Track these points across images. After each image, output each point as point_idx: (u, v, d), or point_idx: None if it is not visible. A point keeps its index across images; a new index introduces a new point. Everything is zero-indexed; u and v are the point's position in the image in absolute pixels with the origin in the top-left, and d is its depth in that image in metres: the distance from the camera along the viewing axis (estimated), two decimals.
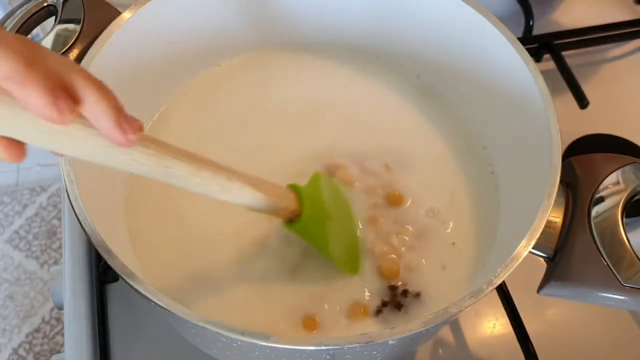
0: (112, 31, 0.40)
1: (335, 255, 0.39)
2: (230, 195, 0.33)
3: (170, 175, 0.30)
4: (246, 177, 0.34)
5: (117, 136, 0.27)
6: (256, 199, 0.34)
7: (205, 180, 0.32)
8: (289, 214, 0.37)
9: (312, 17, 0.50)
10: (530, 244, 0.33)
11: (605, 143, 0.56)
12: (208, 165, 0.32)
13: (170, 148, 0.30)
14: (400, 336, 0.30)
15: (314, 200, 0.38)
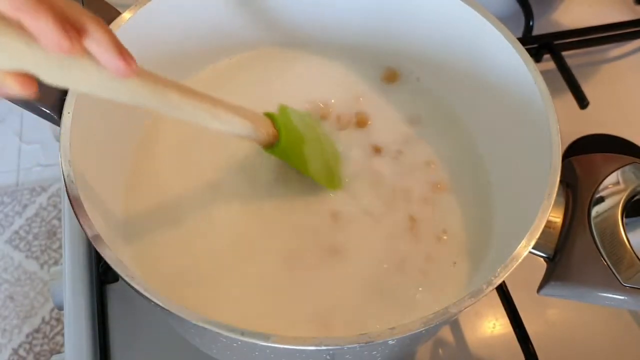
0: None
1: (316, 173, 0.43)
2: (218, 122, 0.36)
3: (168, 104, 0.33)
4: (229, 104, 0.37)
5: (120, 65, 0.29)
6: (239, 123, 0.38)
7: (195, 107, 0.35)
8: (268, 137, 0.40)
9: (311, 17, 0.50)
10: (530, 244, 0.33)
11: (605, 143, 0.56)
12: (196, 93, 0.35)
13: (163, 79, 0.33)
14: (400, 336, 0.30)
15: (288, 125, 0.42)
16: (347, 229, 0.43)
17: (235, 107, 0.38)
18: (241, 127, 0.38)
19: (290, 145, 0.41)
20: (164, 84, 0.33)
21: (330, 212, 0.43)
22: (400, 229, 0.43)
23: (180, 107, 0.34)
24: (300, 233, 0.42)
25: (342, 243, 0.42)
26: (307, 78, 0.51)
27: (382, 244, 0.42)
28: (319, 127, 0.46)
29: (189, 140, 0.46)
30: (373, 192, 0.44)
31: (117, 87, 0.31)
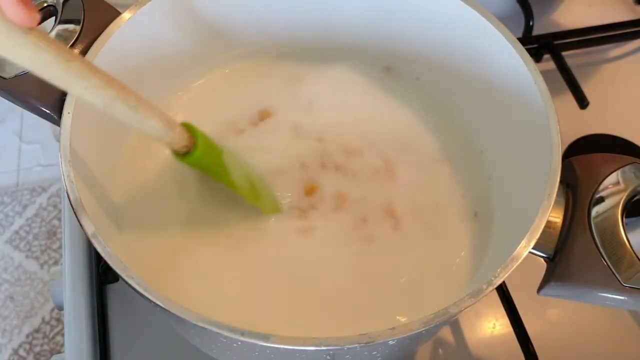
0: (112, 32, 0.40)
1: (239, 185, 0.40)
2: (129, 109, 0.33)
3: (73, 70, 0.31)
4: (142, 98, 0.34)
5: (20, 11, 0.27)
6: (152, 117, 0.35)
7: (100, 84, 0.32)
8: (185, 140, 0.37)
9: (311, 18, 0.50)
10: (530, 244, 0.33)
11: (605, 143, 0.56)
12: (102, 72, 0.32)
13: (70, 50, 0.32)
14: (400, 336, 0.30)
15: (206, 136, 0.39)
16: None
17: (148, 103, 0.35)
18: (153, 120, 0.35)
19: (208, 151, 0.39)
20: (69, 52, 0.31)
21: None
22: (399, 227, 0.43)
23: (86, 79, 0.31)
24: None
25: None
26: (306, 81, 0.51)
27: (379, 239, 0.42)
28: (241, 157, 0.44)
29: None
30: (371, 187, 0.45)
31: (19, 38, 0.28)
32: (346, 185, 0.45)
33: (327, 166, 0.45)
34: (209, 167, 0.40)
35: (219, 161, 0.40)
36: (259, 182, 0.43)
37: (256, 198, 0.42)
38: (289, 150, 0.46)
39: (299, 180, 0.45)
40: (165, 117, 0.36)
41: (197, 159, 0.38)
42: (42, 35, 0.29)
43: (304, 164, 0.45)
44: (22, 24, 0.28)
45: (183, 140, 0.37)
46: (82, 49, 0.40)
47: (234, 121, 0.47)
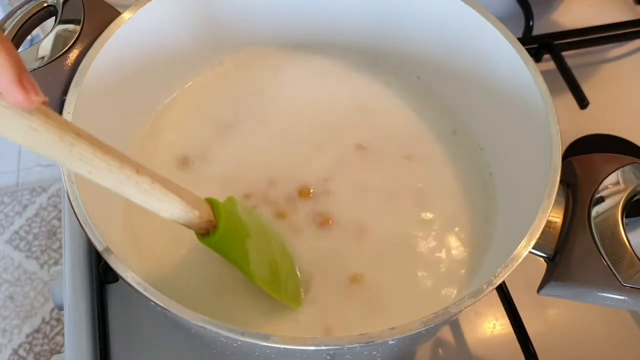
0: (112, 31, 0.40)
1: (260, 277, 0.36)
2: (142, 193, 0.31)
3: (76, 155, 0.28)
4: (156, 174, 0.32)
5: (17, 93, 0.24)
6: (169, 200, 0.32)
7: (112, 167, 0.29)
8: (204, 223, 0.34)
9: (311, 17, 0.50)
10: (530, 244, 0.33)
11: (605, 143, 0.56)
12: (115, 152, 0.30)
13: (74, 126, 0.28)
14: (400, 336, 0.30)
15: (232, 215, 0.36)
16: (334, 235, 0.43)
17: (165, 180, 0.32)
18: (170, 204, 0.32)
19: (229, 236, 0.35)
20: (76, 132, 0.28)
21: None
22: (399, 228, 0.43)
23: (92, 162, 0.29)
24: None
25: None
26: (306, 79, 0.51)
27: (379, 238, 0.42)
28: (268, 227, 0.41)
29: (190, 145, 0.46)
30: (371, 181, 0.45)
31: (16, 119, 0.26)
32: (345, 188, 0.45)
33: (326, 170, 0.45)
34: (229, 252, 0.36)
35: (240, 248, 0.36)
36: (285, 268, 0.39)
37: (276, 289, 0.38)
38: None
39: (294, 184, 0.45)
40: (185, 197, 0.33)
41: (214, 244, 0.35)
42: (43, 116, 0.26)
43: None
44: (20, 107, 0.25)
45: (202, 223, 0.34)
46: (82, 49, 0.40)
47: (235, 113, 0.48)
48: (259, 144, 0.46)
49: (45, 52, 0.40)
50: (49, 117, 0.27)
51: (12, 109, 0.25)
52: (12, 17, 0.42)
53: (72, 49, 0.40)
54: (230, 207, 0.37)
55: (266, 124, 0.48)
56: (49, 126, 0.26)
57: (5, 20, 0.42)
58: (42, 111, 0.26)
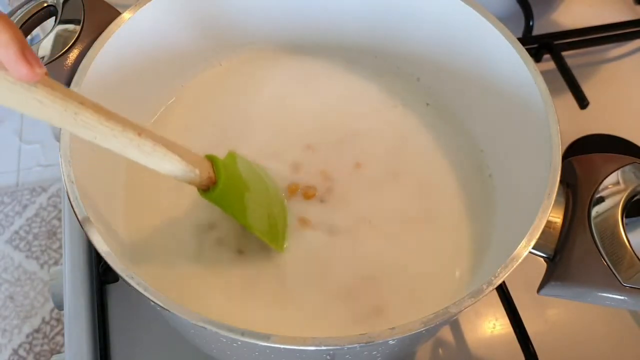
0: (112, 31, 0.41)
1: (255, 225, 0.39)
2: (144, 155, 0.33)
3: (80, 123, 0.30)
4: (157, 136, 0.33)
5: (22, 67, 0.26)
6: (170, 160, 0.34)
7: (116, 132, 0.31)
8: (204, 180, 0.36)
9: (311, 18, 0.50)
10: (530, 244, 0.33)
11: (605, 143, 0.56)
12: (117, 117, 0.31)
13: (77, 95, 0.30)
14: (400, 336, 0.30)
15: (231, 171, 0.38)
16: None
17: (166, 141, 0.34)
18: (171, 163, 0.34)
19: (229, 191, 0.37)
20: (79, 101, 0.29)
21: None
22: (400, 228, 0.43)
23: (95, 129, 0.30)
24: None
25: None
26: (306, 79, 0.51)
27: (379, 238, 0.42)
28: (269, 180, 0.43)
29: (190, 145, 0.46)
30: (370, 189, 0.45)
31: (22, 93, 0.27)
32: (343, 190, 0.45)
33: (327, 170, 0.45)
34: (228, 206, 0.39)
35: (239, 202, 0.39)
36: (280, 215, 0.42)
37: (273, 239, 0.40)
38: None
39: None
40: (186, 157, 0.35)
41: (215, 199, 0.37)
42: (47, 87, 0.28)
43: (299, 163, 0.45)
44: (25, 80, 0.27)
45: (202, 180, 0.36)
46: (82, 49, 0.40)
47: (235, 113, 0.48)
48: (258, 144, 0.46)
49: (45, 52, 0.40)
50: (54, 89, 0.28)
51: (18, 83, 0.27)
52: (12, 17, 0.42)
53: (72, 49, 0.40)
54: (230, 164, 0.39)
55: (266, 125, 0.48)
56: (53, 97, 0.28)
57: None
58: (46, 83, 0.28)
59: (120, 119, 0.31)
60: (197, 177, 0.36)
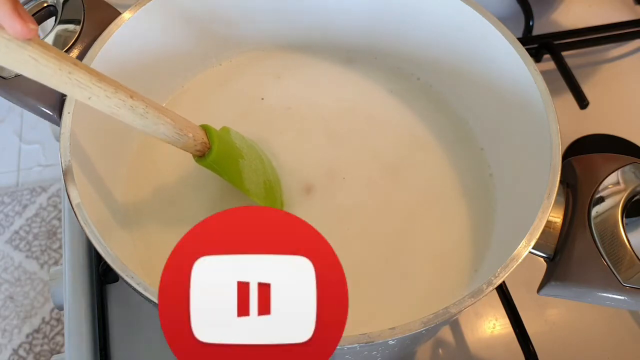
0: (112, 31, 0.41)
1: (252, 190, 0.40)
2: (138, 117, 0.33)
3: (74, 82, 0.30)
4: (150, 100, 0.34)
5: (16, 23, 0.27)
6: (163, 122, 0.34)
7: (109, 92, 0.32)
8: (198, 145, 0.37)
9: (311, 18, 0.50)
10: (530, 244, 0.33)
11: (605, 143, 0.56)
12: (110, 79, 0.32)
13: (70, 57, 0.30)
14: (400, 336, 0.30)
15: (223, 138, 0.39)
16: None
17: (159, 105, 0.35)
18: (164, 126, 0.35)
19: (223, 156, 0.39)
20: (73, 62, 0.30)
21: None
22: (399, 228, 0.43)
23: (89, 88, 0.31)
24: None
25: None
26: (306, 79, 0.51)
27: (380, 238, 0.42)
28: (263, 153, 0.44)
29: None
30: (370, 188, 0.45)
31: (17, 51, 0.28)
32: (342, 185, 0.45)
33: (329, 168, 0.45)
34: (224, 171, 0.40)
35: (235, 167, 0.40)
36: (276, 185, 0.43)
37: (271, 204, 0.41)
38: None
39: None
40: (178, 122, 0.36)
41: (210, 164, 0.38)
42: (41, 46, 0.29)
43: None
44: (19, 36, 0.28)
45: (197, 145, 0.37)
46: (82, 49, 0.40)
47: (235, 113, 0.48)
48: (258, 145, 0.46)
49: None
50: (47, 49, 0.29)
51: (13, 40, 0.28)
52: None
53: (72, 49, 0.40)
54: (224, 134, 0.40)
55: (265, 125, 0.48)
56: (48, 56, 0.29)
57: None
58: (39, 43, 0.29)
59: (113, 82, 0.32)
60: (191, 141, 0.36)
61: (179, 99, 0.49)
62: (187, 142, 0.37)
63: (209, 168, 0.39)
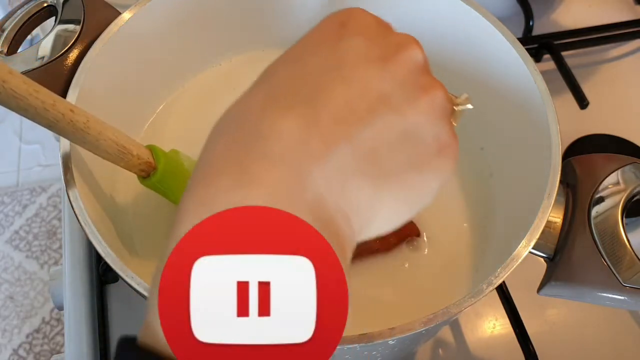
0: (112, 31, 0.41)
1: None
2: (77, 132, 0.31)
3: (10, 92, 0.28)
4: (92, 116, 0.32)
5: None
6: (104, 140, 0.32)
7: (47, 105, 0.29)
8: (143, 165, 0.36)
9: (311, 17, 0.50)
10: (530, 244, 0.33)
11: (605, 143, 0.56)
12: (48, 91, 0.30)
13: (5, 65, 0.28)
14: (400, 336, 0.30)
15: (172, 158, 0.38)
16: None
17: (100, 122, 0.32)
18: (106, 143, 0.33)
19: (170, 177, 0.37)
20: (8, 71, 0.28)
21: None
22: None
23: (26, 100, 0.28)
24: None
25: None
26: None
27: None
28: None
29: (189, 145, 0.46)
30: None
31: None
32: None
33: None
34: (170, 193, 0.38)
35: (182, 189, 0.38)
36: None
37: None
38: None
39: None
40: (122, 139, 0.34)
41: (154, 184, 0.37)
42: None
43: None
44: None
45: (141, 164, 0.36)
46: (82, 49, 0.40)
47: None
48: None
49: (45, 52, 0.40)
50: None
51: None
52: (12, 17, 0.42)
53: (72, 49, 0.40)
54: (172, 154, 0.38)
55: None
56: None
57: (5, 20, 0.42)
58: None
59: (51, 94, 0.30)
60: (135, 160, 0.35)
61: (179, 98, 0.49)
62: (131, 160, 0.35)
63: (153, 189, 0.38)
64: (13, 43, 0.41)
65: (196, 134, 0.46)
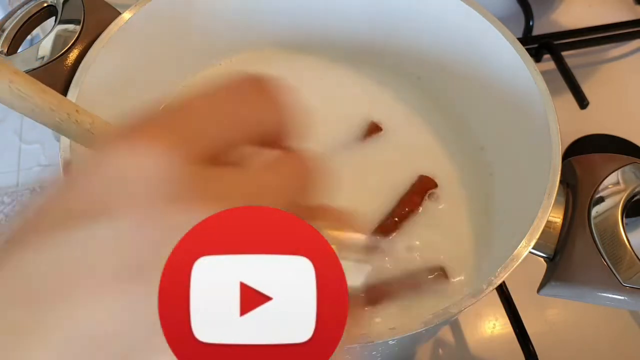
0: (112, 32, 0.41)
1: None
2: (84, 133, 0.31)
3: (15, 92, 0.28)
4: (97, 117, 0.31)
5: None
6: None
7: (53, 105, 0.29)
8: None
9: (311, 17, 0.50)
10: (530, 244, 0.33)
11: (605, 143, 0.56)
12: (53, 91, 0.29)
13: (10, 65, 0.28)
14: (400, 336, 0.30)
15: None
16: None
17: (107, 124, 0.32)
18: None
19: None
20: (13, 71, 0.28)
21: None
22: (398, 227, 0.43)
23: (32, 100, 0.28)
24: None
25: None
26: (306, 79, 0.51)
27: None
28: None
29: None
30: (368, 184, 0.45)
31: None
32: (339, 189, 0.45)
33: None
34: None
35: None
36: None
37: None
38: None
39: None
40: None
41: None
42: None
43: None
44: None
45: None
46: (82, 49, 0.40)
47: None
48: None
49: (45, 52, 0.40)
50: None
51: None
52: (12, 17, 0.42)
53: (72, 49, 0.40)
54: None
55: None
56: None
57: (5, 20, 0.42)
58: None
59: (57, 94, 0.29)
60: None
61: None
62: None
63: None
64: (13, 43, 0.41)
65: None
